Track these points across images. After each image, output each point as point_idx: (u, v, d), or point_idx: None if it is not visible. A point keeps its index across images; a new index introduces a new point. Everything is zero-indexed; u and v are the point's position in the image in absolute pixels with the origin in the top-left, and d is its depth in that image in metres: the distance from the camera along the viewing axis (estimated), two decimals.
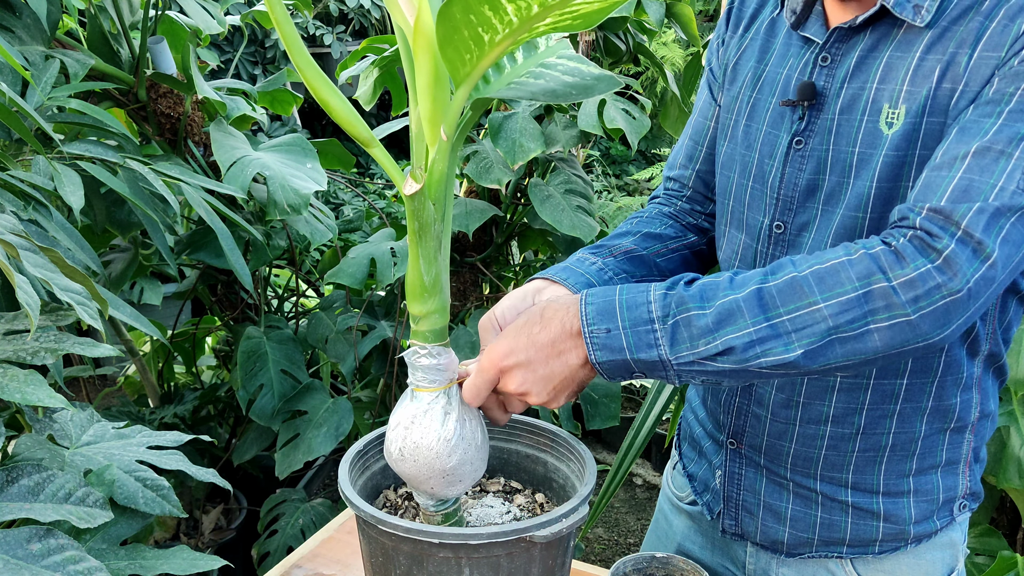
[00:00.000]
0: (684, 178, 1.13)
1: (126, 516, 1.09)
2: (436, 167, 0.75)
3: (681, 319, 0.77)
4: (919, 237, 0.75)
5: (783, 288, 0.76)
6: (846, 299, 0.74)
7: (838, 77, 0.90)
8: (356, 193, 4.11)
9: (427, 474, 0.81)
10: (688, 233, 1.11)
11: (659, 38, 4.27)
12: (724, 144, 1.03)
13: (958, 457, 0.97)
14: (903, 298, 0.73)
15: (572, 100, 0.78)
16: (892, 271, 0.74)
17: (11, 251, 0.95)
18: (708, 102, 1.10)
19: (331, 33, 5.11)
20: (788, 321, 0.75)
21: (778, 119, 0.95)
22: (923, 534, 0.98)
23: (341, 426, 1.89)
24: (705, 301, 0.77)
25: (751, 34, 1.02)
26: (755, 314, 0.75)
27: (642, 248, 1.05)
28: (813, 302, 0.75)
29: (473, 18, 0.64)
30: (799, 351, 0.75)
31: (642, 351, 0.78)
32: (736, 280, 0.78)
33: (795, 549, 1.02)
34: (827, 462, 0.97)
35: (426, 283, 0.79)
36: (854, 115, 0.88)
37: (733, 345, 0.76)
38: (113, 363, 2.59)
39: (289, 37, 0.69)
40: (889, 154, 0.85)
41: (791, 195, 0.93)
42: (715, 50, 1.09)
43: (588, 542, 2.85)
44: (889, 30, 0.87)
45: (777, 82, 0.96)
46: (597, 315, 0.79)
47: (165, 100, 1.94)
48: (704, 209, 1.13)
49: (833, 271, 0.75)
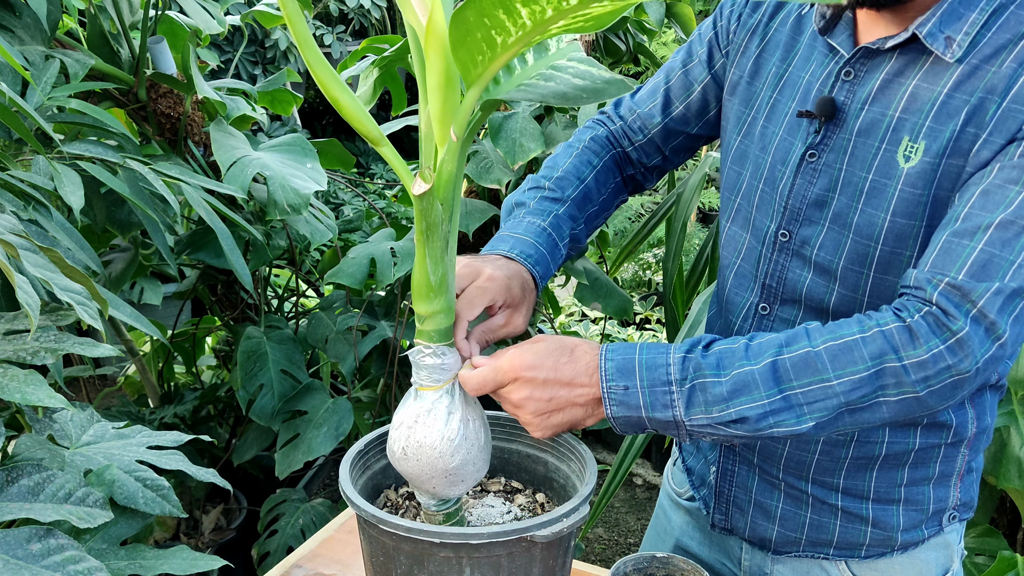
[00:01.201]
0: (650, 124, 1.10)
1: (126, 516, 1.08)
2: (445, 167, 0.75)
3: (698, 384, 0.79)
4: (934, 315, 0.76)
5: (797, 363, 0.78)
6: (858, 378, 0.76)
7: (859, 96, 0.88)
8: (356, 193, 4.11)
9: (430, 473, 0.81)
10: (622, 194, 1.13)
11: (659, 38, 4.27)
12: (738, 138, 1.01)
13: (951, 470, 0.97)
14: (913, 377, 0.76)
15: (582, 103, 0.79)
16: (904, 350, 0.76)
17: (11, 251, 0.94)
18: (702, 65, 1.06)
19: (331, 33, 5.11)
20: (801, 395, 0.77)
21: (795, 127, 0.93)
22: (910, 542, 0.98)
23: (341, 426, 1.89)
24: (721, 370, 0.79)
25: (776, 24, 0.99)
26: (769, 387, 0.78)
27: (586, 225, 1.07)
28: (826, 379, 0.77)
29: (487, 21, 0.64)
30: (810, 423, 0.78)
31: (658, 411, 0.80)
32: (752, 349, 0.80)
33: (782, 547, 1.02)
34: (819, 467, 0.97)
35: (432, 283, 0.79)
36: (872, 139, 0.87)
37: (747, 416, 0.78)
38: (113, 363, 2.59)
39: (301, 34, 0.68)
40: (905, 190, 0.84)
41: (799, 206, 0.93)
42: (727, 16, 1.03)
43: (588, 542, 2.85)
44: (918, 57, 0.85)
45: (798, 87, 0.94)
46: (617, 372, 0.81)
47: (165, 100, 1.94)
48: (648, 162, 1.12)
49: (847, 349, 0.77)
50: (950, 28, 0.82)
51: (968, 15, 0.81)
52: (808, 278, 0.93)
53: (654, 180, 1.15)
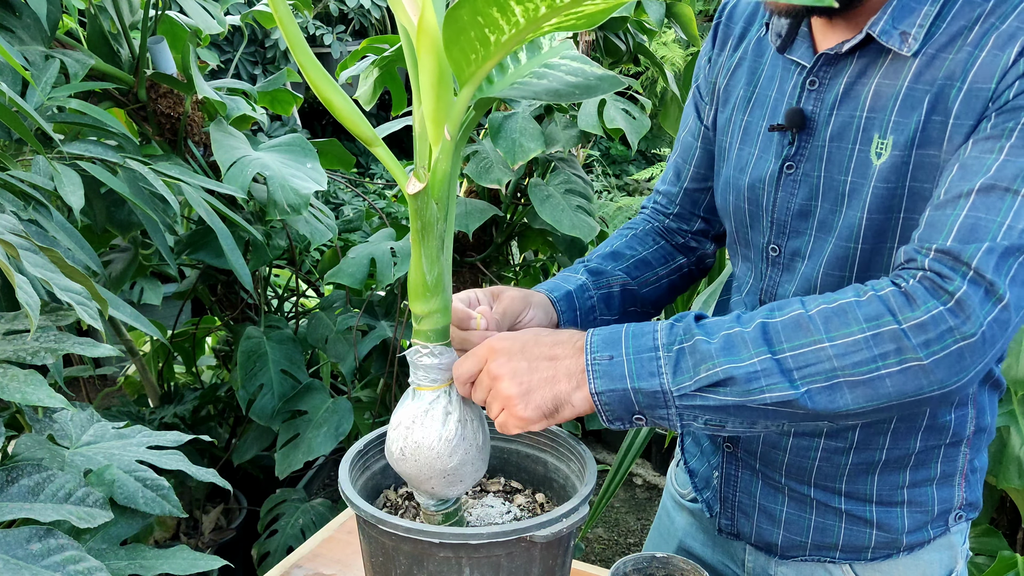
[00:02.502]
0: (672, 195, 1.14)
1: (126, 516, 1.08)
2: (439, 166, 0.75)
3: (687, 346, 0.77)
4: (929, 278, 0.73)
5: (788, 324, 0.75)
6: (852, 340, 0.73)
7: (827, 103, 0.89)
8: (356, 193, 4.11)
9: (428, 474, 0.81)
10: (677, 255, 1.13)
11: (659, 38, 4.27)
12: (722, 167, 1.02)
13: (954, 470, 0.97)
14: (914, 341, 0.71)
15: (575, 100, 0.79)
16: (902, 313, 0.72)
17: (11, 251, 0.94)
18: (695, 122, 1.10)
19: (331, 33, 5.11)
20: (791, 357, 0.74)
21: (768, 142, 0.94)
22: (916, 543, 0.98)
23: (341, 426, 1.89)
24: (710, 335, 0.77)
25: (739, 53, 1.01)
26: (759, 345, 0.75)
27: (633, 279, 1.07)
28: (818, 340, 0.73)
29: (480, 20, 0.64)
30: (803, 389, 0.73)
31: (643, 379, 0.76)
32: (743, 317, 0.78)
33: (788, 552, 1.02)
34: (820, 472, 0.97)
35: (429, 282, 0.79)
36: (845, 143, 0.87)
37: (734, 375, 0.74)
38: (113, 363, 2.59)
39: (292, 36, 0.69)
40: (879, 186, 0.84)
41: (784, 219, 0.93)
42: (702, 66, 1.08)
43: (588, 542, 2.85)
44: (876, 56, 0.85)
45: (767, 105, 0.95)
46: (601, 343, 0.79)
47: (165, 100, 1.94)
48: (690, 228, 1.14)
49: (840, 311, 0.74)
50: (903, 23, 0.82)
51: (920, 8, 0.82)
52: (792, 291, 0.94)
53: (711, 243, 1.15)
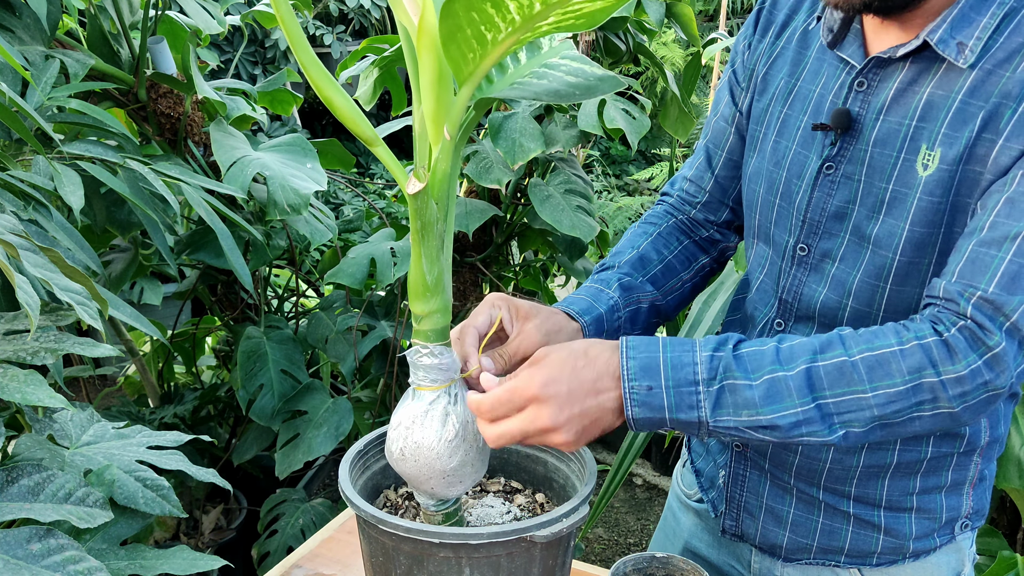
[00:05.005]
0: (703, 182, 1.10)
1: (126, 516, 1.08)
2: (439, 166, 0.75)
3: (727, 385, 0.77)
4: (970, 330, 0.75)
5: (831, 371, 0.76)
6: (895, 391, 0.75)
7: (874, 106, 0.87)
8: (356, 193, 4.11)
9: (428, 474, 0.81)
10: (700, 255, 1.10)
11: (659, 38, 4.27)
12: (752, 156, 1.00)
13: (964, 479, 0.97)
14: (950, 393, 0.75)
15: (575, 100, 0.78)
16: (943, 365, 0.75)
17: (11, 251, 0.94)
18: (728, 106, 1.06)
19: (331, 33, 5.11)
20: (833, 404, 0.76)
21: (809, 140, 0.92)
22: (922, 550, 0.98)
23: (341, 426, 1.89)
24: (752, 373, 0.77)
25: (782, 42, 0.99)
26: (803, 395, 0.76)
27: (659, 289, 1.04)
28: (862, 391, 0.76)
29: (476, 16, 0.64)
30: (840, 432, 0.77)
31: (682, 412, 0.77)
32: (783, 352, 0.78)
33: (793, 554, 1.02)
34: (831, 475, 0.97)
35: (428, 282, 0.79)
36: (890, 150, 0.86)
37: (778, 424, 0.76)
38: (113, 363, 2.59)
39: (294, 35, 0.69)
40: (924, 198, 0.83)
41: (818, 219, 0.92)
42: (740, 51, 1.05)
43: (588, 542, 2.85)
44: (930, 64, 0.84)
45: (810, 100, 0.93)
46: (640, 371, 0.78)
47: (165, 100, 1.94)
48: (717, 218, 1.11)
49: (884, 361, 0.76)
50: (961, 34, 0.81)
51: (979, 20, 0.80)
52: (823, 293, 0.92)
53: (735, 235, 1.13)
